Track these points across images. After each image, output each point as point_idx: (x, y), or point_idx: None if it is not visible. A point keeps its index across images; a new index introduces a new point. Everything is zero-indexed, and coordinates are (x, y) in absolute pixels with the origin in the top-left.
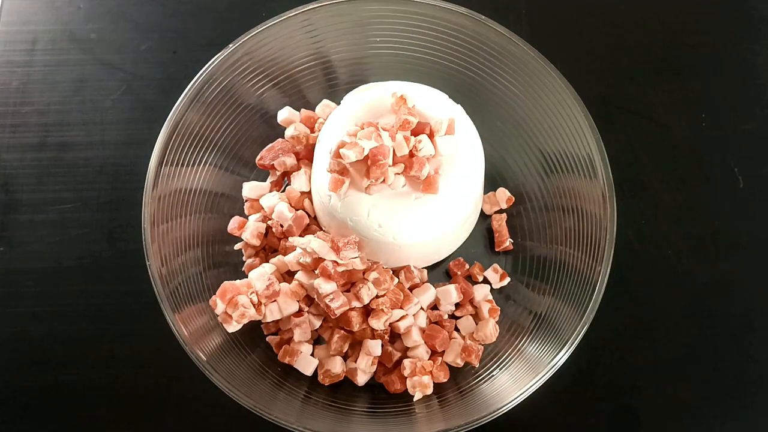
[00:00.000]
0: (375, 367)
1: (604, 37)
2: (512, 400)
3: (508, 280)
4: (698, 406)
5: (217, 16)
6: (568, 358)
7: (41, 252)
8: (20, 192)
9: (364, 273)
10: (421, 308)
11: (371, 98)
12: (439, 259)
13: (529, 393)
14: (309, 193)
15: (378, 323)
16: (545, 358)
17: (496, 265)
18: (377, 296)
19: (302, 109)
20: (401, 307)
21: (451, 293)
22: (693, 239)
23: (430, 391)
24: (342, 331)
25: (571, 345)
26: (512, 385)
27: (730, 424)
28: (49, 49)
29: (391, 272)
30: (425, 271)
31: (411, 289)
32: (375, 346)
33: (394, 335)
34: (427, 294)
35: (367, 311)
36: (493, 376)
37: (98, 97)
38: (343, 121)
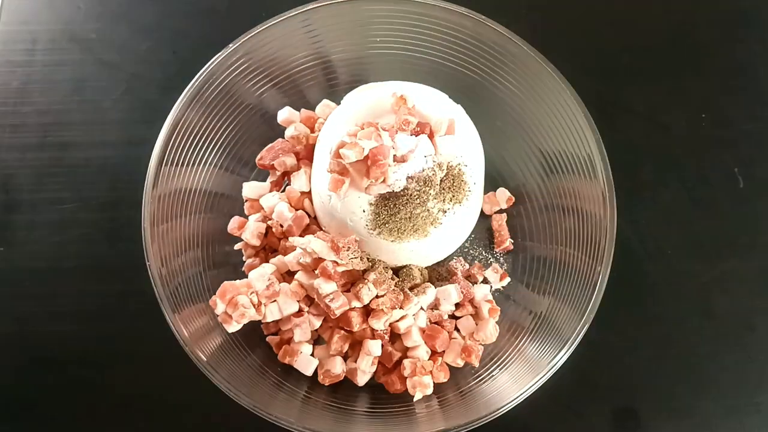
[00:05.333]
0: (375, 367)
1: (604, 36)
2: (512, 400)
3: (508, 280)
4: (698, 406)
5: (217, 16)
6: (568, 358)
7: (41, 252)
8: (20, 192)
9: (364, 273)
10: (421, 308)
11: (371, 98)
12: (439, 259)
13: (530, 393)
14: (309, 193)
15: (378, 323)
16: (545, 358)
17: (495, 265)
18: (377, 296)
19: (302, 109)
20: (401, 308)
21: (451, 293)
22: (693, 239)
23: (430, 391)
24: (342, 331)
25: (571, 345)
26: (512, 385)
27: (730, 424)
28: (49, 49)
29: (392, 272)
30: (425, 270)
31: (411, 289)
32: (375, 346)
33: (394, 335)
34: (427, 294)
35: (367, 311)
36: (493, 376)
37: (98, 97)
38: (344, 121)
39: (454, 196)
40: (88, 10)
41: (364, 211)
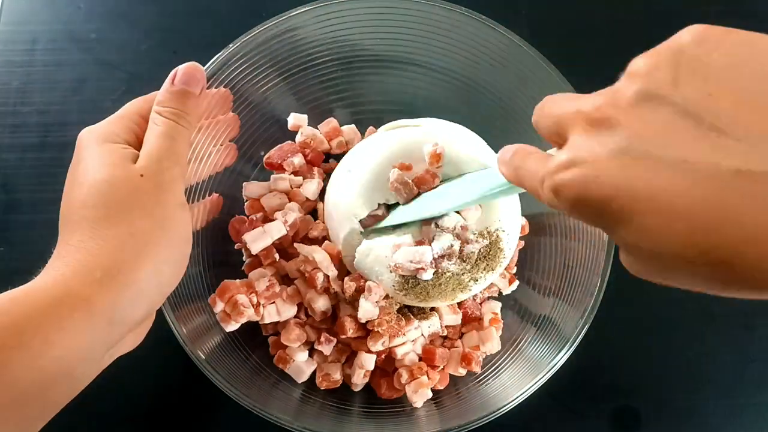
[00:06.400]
0: (367, 379)
1: (605, 37)
2: (512, 401)
3: (516, 284)
4: (698, 406)
5: (217, 16)
6: (568, 358)
7: (41, 252)
8: (20, 192)
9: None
10: (422, 335)
11: (408, 139)
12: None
13: (529, 393)
14: (314, 202)
15: (375, 346)
16: (545, 358)
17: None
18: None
19: (331, 118)
20: (402, 334)
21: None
22: None
23: (429, 395)
24: (339, 345)
25: (572, 345)
26: (512, 385)
27: (730, 424)
28: (49, 49)
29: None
30: None
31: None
32: (368, 361)
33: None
34: (431, 321)
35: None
36: (493, 376)
37: (98, 97)
38: (374, 154)
39: (488, 265)
40: (88, 10)
41: (391, 272)
